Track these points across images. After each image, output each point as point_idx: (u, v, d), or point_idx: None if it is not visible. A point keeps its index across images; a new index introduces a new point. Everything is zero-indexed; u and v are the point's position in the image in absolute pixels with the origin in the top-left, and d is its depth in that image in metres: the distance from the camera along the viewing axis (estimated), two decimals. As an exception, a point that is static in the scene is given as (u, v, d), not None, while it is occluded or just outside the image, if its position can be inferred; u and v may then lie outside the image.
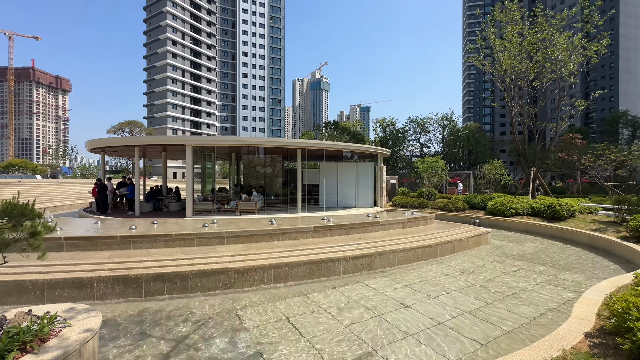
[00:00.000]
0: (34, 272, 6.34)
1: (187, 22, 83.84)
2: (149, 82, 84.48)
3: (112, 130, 56.01)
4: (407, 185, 38.63)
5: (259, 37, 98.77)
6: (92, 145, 16.89)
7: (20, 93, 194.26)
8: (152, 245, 8.20)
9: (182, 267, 6.88)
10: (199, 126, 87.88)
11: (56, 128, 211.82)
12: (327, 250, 8.40)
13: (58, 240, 7.84)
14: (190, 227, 9.55)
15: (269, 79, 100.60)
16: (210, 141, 16.38)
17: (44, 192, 25.43)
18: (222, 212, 15.12)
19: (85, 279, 6.23)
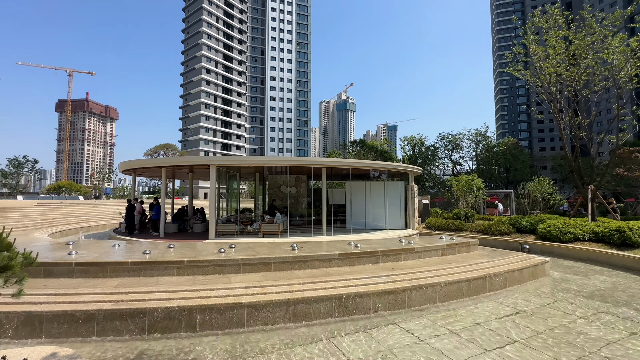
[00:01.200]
0: (34, 303, 5.85)
1: (220, 52, 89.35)
2: (184, 107, 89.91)
3: (149, 152, 59.31)
4: (439, 205, 36.35)
5: (286, 62, 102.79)
6: (123, 167, 17.30)
7: (75, 122, 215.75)
8: (163, 272, 7.57)
9: (190, 300, 6.10)
10: (229, 148, 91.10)
11: (103, 152, 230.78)
12: (354, 283, 7.27)
13: (69, 266, 7.45)
14: (206, 252, 8.88)
15: (296, 101, 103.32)
16: (234, 161, 16.13)
17: (82, 213, 26.61)
18: (245, 233, 14.50)
19: (83, 313, 5.61)
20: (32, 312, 5.56)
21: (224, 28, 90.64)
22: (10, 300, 5.90)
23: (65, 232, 18.59)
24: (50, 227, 19.19)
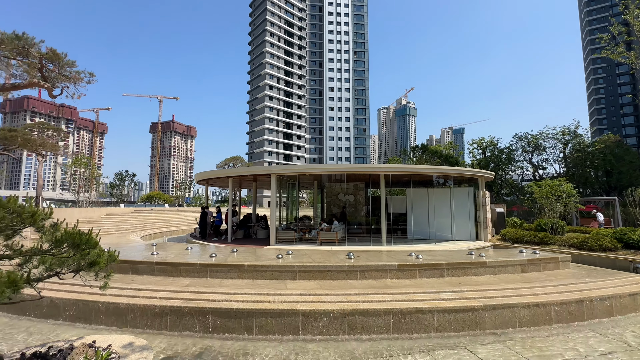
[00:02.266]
0: (122, 295, 6.72)
1: (281, 69, 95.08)
2: (250, 122, 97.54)
3: (220, 165, 65.51)
4: (517, 214, 32.06)
5: (344, 72, 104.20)
6: (198, 178, 19.26)
7: (164, 140, 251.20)
8: (226, 275, 8.05)
9: (249, 303, 6.32)
10: (290, 158, 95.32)
11: (185, 166, 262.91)
12: (415, 297, 6.69)
13: (151, 265, 8.44)
14: (265, 257, 9.20)
15: (354, 109, 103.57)
16: (293, 170, 16.65)
17: (166, 219, 30.43)
18: (304, 241, 14.74)
19: (158, 308, 6.23)
20: (119, 304, 6.40)
21: (285, 46, 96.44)
22: (103, 292, 6.90)
23: (153, 235, 21.39)
24: (142, 230, 22.32)
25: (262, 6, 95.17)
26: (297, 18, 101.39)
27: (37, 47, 15.46)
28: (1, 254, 3.56)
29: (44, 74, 16.04)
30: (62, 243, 3.46)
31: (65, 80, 16.52)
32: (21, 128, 32.60)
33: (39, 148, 30.74)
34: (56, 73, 15.93)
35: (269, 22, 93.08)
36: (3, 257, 3.56)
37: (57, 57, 15.54)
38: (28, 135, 29.32)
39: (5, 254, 3.55)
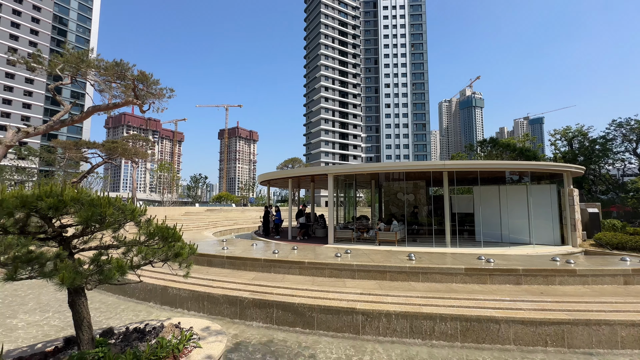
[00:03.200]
0: (199, 285, 7.54)
1: (336, 69, 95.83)
2: (307, 124, 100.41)
3: (280, 166, 68.82)
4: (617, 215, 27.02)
5: (400, 66, 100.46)
6: (260, 179, 20.54)
7: (230, 145, 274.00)
8: (288, 271, 8.44)
9: (310, 299, 6.53)
10: (347, 158, 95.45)
11: (248, 169, 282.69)
12: (485, 305, 6.13)
13: (222, 259, 9.30)
14: (324, 255, 9.39)
15: (412, 104, 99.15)
16: (349, 169, 16.65)
17: (234, 217, 33.13)
18: (362, 240, 14.65)
19: (229, 298, 6.84)
20: (198, 292, 7.19)
21: (340, 47, 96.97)
22: (185, 280, 7.82)
23: (223, 231, 23.48)
24: (214, 227, 24.68)
25: (316, 10, 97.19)
26: (350, 17, 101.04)
27: (131, 71, 18.28)
28: (110, 244, 4.30)
29: (136, 93, 18.88)
30: (154, 236, 4.04)
31: (152, 96, 19.20)
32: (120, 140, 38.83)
33: (133, 156, 36.25)
34: (145, 91, 18.63)
35: (323, 25, 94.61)
36: (112, 246, 4.31)
37: (145, 78, 18.16)
38: (125, 146, 34.81)
39: (113, 244, 4.29)
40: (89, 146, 32.95)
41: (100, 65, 18.21)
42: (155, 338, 4.51)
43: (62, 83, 20.30)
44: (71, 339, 4.27)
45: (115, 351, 3.98)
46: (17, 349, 4.25)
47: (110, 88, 20.23)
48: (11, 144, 17.22)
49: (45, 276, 2.92)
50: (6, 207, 2.81)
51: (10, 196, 2.87)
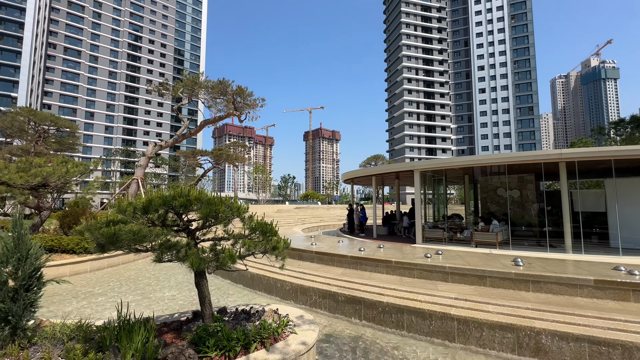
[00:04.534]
0: (293, 277, 8.19)
1: (419, 59, 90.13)
2: (389, 120, 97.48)
3: (362, 164, 68.74)
4: None
5: (497, 44, 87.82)
6: (344, 177, 20.97)
7: (314, 146, 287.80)
8: (374, 269, 8.40)
9: (398, 299, 6.37)
10: (434, 152, 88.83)
11: (332, 167, 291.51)
12: (628, 327, 4.88)
13: (311, 253, 9.88)
14: (412, 255, 8.99)
15: (513, 87, 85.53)
16: (438, 164, 15.48)
17: (320, 215, 34.71)
18: (454, 241, 13.47)
19: (319, 291, 7.22)
20: (291, 283, 7.82)
21: (423, 34, 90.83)
22: (280, 272, 8.60)
23: (310, 228, 24.86)
24: (302, 224, 26.37)
25: (396, 1, 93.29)
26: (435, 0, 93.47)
27: (231, 87, 21.08)
28: (222, 237, 5.08)
29: (235, 105, 21.68)
30: (255, 230, 4.59)
31: (248, 107, 21.73)
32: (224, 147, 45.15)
33: (234, 161, 41.65)
34: (242, 103, 21.23)
35: (404, 14, 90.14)
36: (223, 238, 5.08)
37: (242, 91, 20.67)
38: (228, 152, 40.33)
39: (224, 236, 5.06)
40: (202, 154, 39.44)
41: (208, 85, 21.58)
42: (258, 320, 5.12)
43: (182, 103, 24.84)
44: (197, 313, 5.22)
45: (229, 327, 4.68)
46: (162, 315, 5.43)
47: (216, 103, 23.71)
48: (151, 155, 21.96)
49: (180, 260, 3.66)
50: (154, 205, 3.64)
51: (156, 197, 3.70)
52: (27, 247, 3.85)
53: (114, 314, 6.61)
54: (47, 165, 12.63)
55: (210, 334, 4.15)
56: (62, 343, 3.97)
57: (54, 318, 5.09)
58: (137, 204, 3.70)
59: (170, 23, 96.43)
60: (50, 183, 12.55)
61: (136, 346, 3.68)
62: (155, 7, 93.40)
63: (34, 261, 3.86)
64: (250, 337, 4.27)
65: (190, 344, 4.09)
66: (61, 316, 5.88)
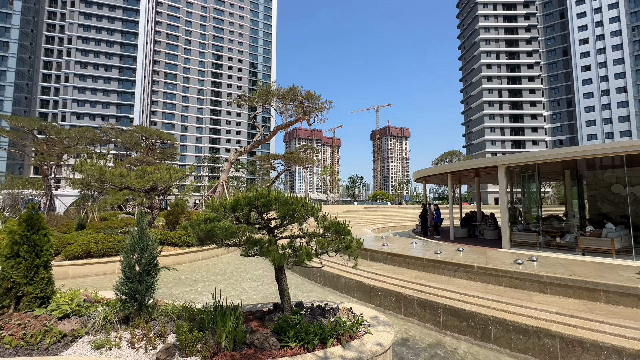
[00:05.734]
0: (365, 277, 8.15)
1: (501, 41, 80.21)
2: (465, 112, 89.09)
3: (435, 161, 64.33)
4: None
5: (607, 9, 72.34)
6: (415, 176, 20.01)
7: (382, 145, 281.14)
8: (453, 274, 7.78)
9: (482, 308, 5.79)
10: (522, 145, 77.86)
11: (401, 166, 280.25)
12: None
13: (383, 254, 9.68)
14: (499, 261, 8.05)
15: (633, 59, 69.21)
16: (530, 158, 13.49)
17: (389, 215, 33.70)
18: (552, 247, 11.58)
19: (392, 293, 7.02)
20: (364, 283, 7.80)
21: (505, 12, 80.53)
22: (352, 271, 8.65)
23: (380, 228, 24.35)
24: (372, 224, 25.99)
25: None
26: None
27: (300, 93, 22.11)
28: (297, 235, 5.37)
29: (304, 110, 22.65)
30: (329, 229, 4.73)
31: (316, 110, 22.47)
32: (295, 150, 47.56)
33: (304, 163, 43.49)
34: (311, 107, 22.06)
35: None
36: (298, 236, 5.36)
37: (310, 96, 21.48)
38: (299, 155, 42.36)
39: (299, 234, 5.34)
40: (275, 157, 42.31)
41: (279, 93, 23.05)
42: (333, 317, 5.25)
43: (257, 112, 27.05)
44: (277, 305, 5.62)
45: (306, 321, 4.92)
46: (247, 305, 6.01)
47: (286, 109, 25.15)
48: (233, 160, 24.47)
49: (263, 255, 4.01)
50: (240, 205, 4.07)
51: (242, 197, 4.13)
52: (147, 240, 4.71)
53: (208, 298, 7.58)
54: (155, 173, 15.20)
55: (290, 326, 4.43)
56: (172, 320, 4.73)
57: (165, 299, 6.10)
58: (227, 204, 4.19)
59: (245, 40, 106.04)
60: (158, 187, 15.07)
61: (228, 329, 4.16)
62: (232, 28, 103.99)
63: (152, 251, 4.70)
64: (326, 332, 4.41)
65: (273, 332, 4.43)
66: (170, 298, 7.00)
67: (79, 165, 14.49)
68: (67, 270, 10.17)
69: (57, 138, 32.78)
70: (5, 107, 69.83)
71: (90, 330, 4.42)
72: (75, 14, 74.00)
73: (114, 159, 38.07)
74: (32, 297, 4.85)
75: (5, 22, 71.53)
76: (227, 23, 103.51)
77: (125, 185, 14.04)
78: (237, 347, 4.13)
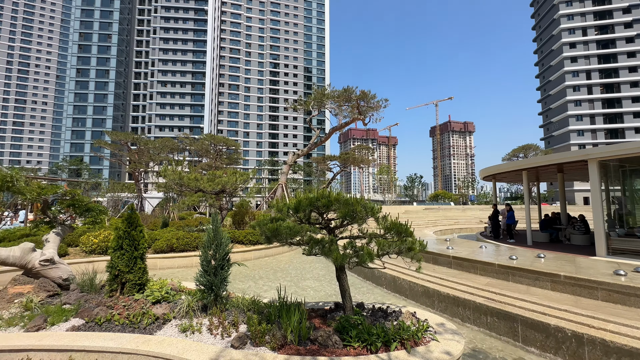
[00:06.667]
0: (429, 281, 7.75)
1: (587, 14, 68.91)
2: (543, 100, 78.62)
3: (507, 157, 57.88)
4: None
5: None
6: (483, 173, 18.36)
7: (442, 142, 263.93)
8: (533, 283, 6.91)
9: (574, 325, 5.04)
10: (620, 134, 65.58)
11: (465, 164, 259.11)
12: None
13: (448, 258, 9.07)
14: (593, 271, 6.90)
15: None
16: (633, 150, 11.30)
17: (453, 216, 31.40)
18: (667, 257, 9.52)
19: (460, 300, 6.54)
20: (428, 288, 7.42)
21: (591, -20, 69.05)
22: (413, 274, 8.30)
23: (443, 231, 22.86)
24: (433, 226, 24.56)
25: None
26: None
27: (355, 93, 22.02)
28: (356, 235, 5.36)
29: (359, 110, 22.50)
30: (390, 230, 4.63)
31: (371, 110, 22.14)
32: (350, 151, 47.49)
33: (360, 163, 43.14)
34: (366, 106, 21.82)
35: (559, -37, 71.15)
36: (358, 237, 5.35)
37: (365, 95, 21.25)
38: (354, 155, 42.18)
39: (359, 235, 5.32)
40: (331, 159, 42.83)
41: (334, 95, 23.29)
42: (395, 320, 5.11)
43: (312, 115, 27.73)
44: (338, 304, 5.68)
45: (368, 322, 4.88)
46: (309, 302, 6.20)
47: (341, 110, 25.27)
48: (291, 163, 25.48)
49: (325, 255, 4.11)
50: (302, 205, 4.23)
51: (303, 198, 4.29)
52: (220, 237, 5.20)
53: (272, 294, 8.02)
54: (224, 176, 16.66)
55: (352, 325, 4.45)
56: (243, 312, 5.13)
57: (235, 292, 6.64)
58: (290, 205, 4.39)
59: (300, 46, 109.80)
60: (226, 189, 16.48)
61: (293, 324, 4.35)
62: (287, 36, 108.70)
63: (225, 247, 5.16)
64: (390, 335, 4.32)
65: (335, 331, 4.50)
66: (239, 291, 7.60)
67: (162, 171, 16.67)
68: (156, 262, 11.74)
69: (145, 148, 38.16)
70: (107, 124, 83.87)
71: (177, 315, 5.05)
72: (157, 40, 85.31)
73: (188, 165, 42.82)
74: (132, 283, 5.73)
75: (106, 53, 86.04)
76: (282, 32, 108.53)
77: (199, 188, 15.67)
78: (302, 342, 4.30)
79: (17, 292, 5.68)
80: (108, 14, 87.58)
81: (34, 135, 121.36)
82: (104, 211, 7.66)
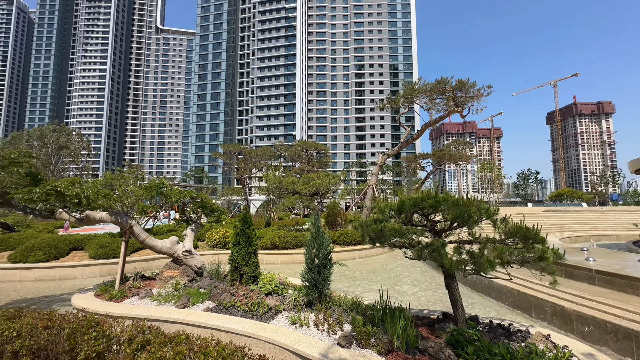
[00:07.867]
0: (564, 299, 6.36)
1: None
2: None
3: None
4: None
5: None
6: (635, 165, 14.34)
7: (565, 129, 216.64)
8: None
9: None
10: None
11: (602, 154, 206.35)
12: None
13: (589, 272, 7.27)
14: None
15: None
16: None
17: (588, 220, 25.23)
18: None
19: (614, 327, 5.12)
20: (564, 307, 6.10)
21: None
22: (539, 289, 6.95)
23: (574, 238, 18.61)
24: (559, 232, 20.24)
25: None
26: None
27: (450, 84, 20.10)
28: (467, 240, 4.79)
29: (456, 101, 20.41)
30: (513, 235, 3.97)
31: (470, 100, 19.81)
32: (445, 147, 43.65)
33: (457, 160, 39.20)
34: (464, 97, 19.65)
35: None
36: (469, 241, 4.78)
37: (463, 85, 19.16)
38: (450, 152, 38.59)
39: (469, 239, 4.75)
40: (423, 157, 40.23)
41: (426, 89, 21.78)
42: (522, 342, 4.34)
43: (402, 113, 26.56)
44: (447, 314, 5.19)
45: (486, 339, 4.29)
46: (413, 309, 5.86)
47: (434, 104, 23.41)
48: (381, 163, 24.97)
49: (435, 260, 3.79)
50: (406, 207, 4.02)
51: (407, 199, 4.07)
52: (322, 237, 5.41)
53: (369, 295, 7.92)
54: (317, 179, 17.51)
55: (467, 340, 3.98)
56: (346, 312, 5.19)
57: (335, 291, 6.81)
58: (392, 205, 4.24)
59: (384, 43, 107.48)
60: (319, 191, 17.28)
61: (399, 330, 4.16)
62: (371, 35, 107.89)
63: (327, 247, 5.35)
64: (517, 358, 3.68)
65: (447, 344, 4.10)
66: (339, 291, 7.78)
67: (264, 176, 18.63)
68: (262, 258, 13.13)
69: (249, 157, 43.54)
70: (220, 138, 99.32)
71: (286, 307, 5.47)
72: (255, 60, 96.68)
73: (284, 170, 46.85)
74: (248, 275, 6.51)
75: (217, 78, 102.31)
76: (366, 32, 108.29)
77: (296, 191, 16.87)
78: (410, 351, 4.07)
79: (169, 275, 7.16)
80: (219, 45, 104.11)
81: (171, 151, 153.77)
82: (224, 211, 8.97)
